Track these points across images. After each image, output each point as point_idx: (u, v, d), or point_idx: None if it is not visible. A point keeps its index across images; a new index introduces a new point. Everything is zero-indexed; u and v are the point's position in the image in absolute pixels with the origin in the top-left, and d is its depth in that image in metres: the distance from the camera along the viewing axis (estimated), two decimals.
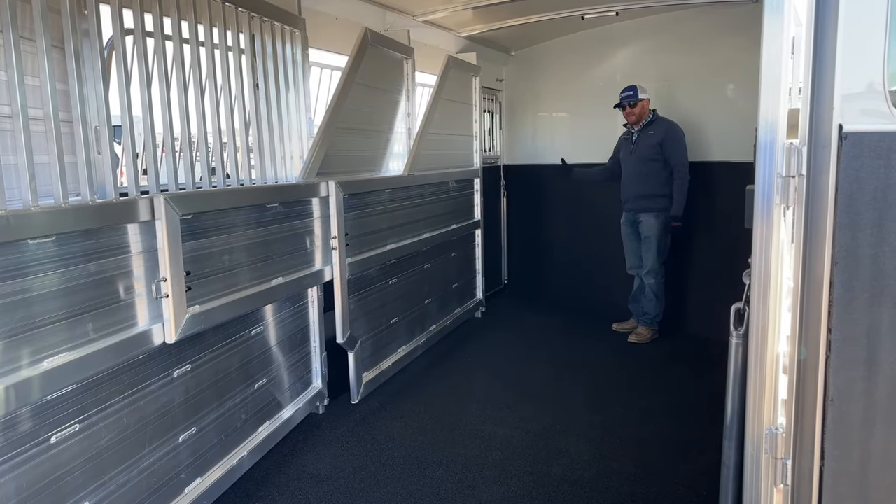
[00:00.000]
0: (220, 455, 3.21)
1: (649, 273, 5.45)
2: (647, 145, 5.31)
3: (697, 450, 3.57)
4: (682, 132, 5.33)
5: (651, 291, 5.49)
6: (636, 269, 5.62)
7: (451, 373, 4.92)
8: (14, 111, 2.21)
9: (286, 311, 3.78)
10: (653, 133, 5.31)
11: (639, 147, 5.37)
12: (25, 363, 2.13)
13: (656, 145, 5.27)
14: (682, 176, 5.23)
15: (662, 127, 5.31)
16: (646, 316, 5.59)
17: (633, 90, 5.27)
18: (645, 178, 5.35)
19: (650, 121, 5.35)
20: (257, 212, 3.33)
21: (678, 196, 5.23)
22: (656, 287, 5.48)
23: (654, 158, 5.29)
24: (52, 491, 2.29)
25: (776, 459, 1.80)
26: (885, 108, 1.61)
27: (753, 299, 1.78)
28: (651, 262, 5.42)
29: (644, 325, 5.61)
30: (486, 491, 3.24)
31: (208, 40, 3.23)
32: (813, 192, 1.64)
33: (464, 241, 6.10)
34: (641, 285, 5.60)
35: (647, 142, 5.32)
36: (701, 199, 5.70)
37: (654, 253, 5.39)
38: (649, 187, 5.33)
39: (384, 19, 5.03)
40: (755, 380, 1.82)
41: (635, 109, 5.30)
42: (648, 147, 5.30)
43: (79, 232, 2.31)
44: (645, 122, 5.35)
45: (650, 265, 5.42)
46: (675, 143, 5.25)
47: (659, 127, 5.31)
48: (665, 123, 5.34)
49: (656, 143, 5.27)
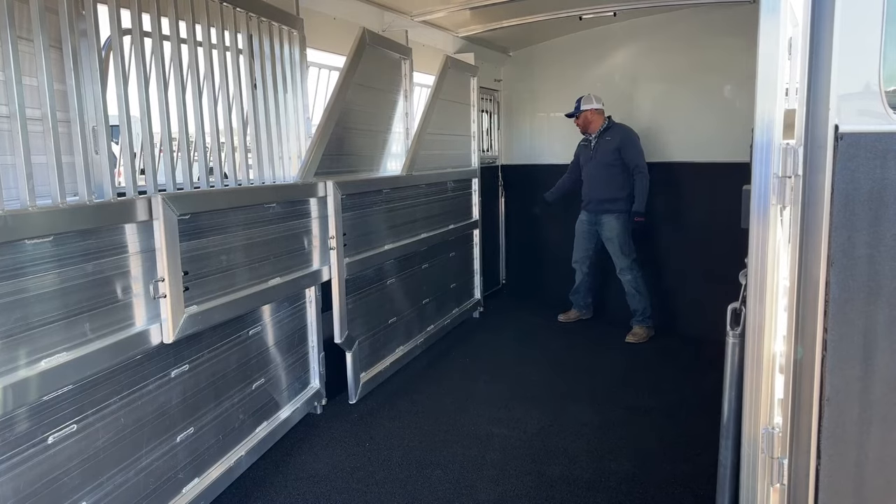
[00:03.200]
0: (217, 455, 3.21)
1: (623, 271, 5.66)
2: (606, 151, 5.62)
3: (694, 449, 3.58)
4: (637, 136, 5.62)
5: (632, 288, 5.66)
6: (579, 264, 5.99)
7: (450, 373, 4.93)
8: (11, 111, 2.21)
9: (284, 311, 3.78)
10: (609, 139, 5.62)
11: (598, 153, 5.68)
12: (22, 363, 2.13)
13: (615, 150, 5.57)
14: (642, 175, 5.49)
15: (618, 133, 5.61)
16: (635, 314, 5.70)
17: (577, 102, 5.68)
18: (606, 181, 5.64)
19: (606, 127, 5.66)
20: (255, 212, 3.33)
21: (640, 194, 5.48)
22: (634, 283, 5.65)
23: (612, 163, 5.59)
24: (50, 491, 2.29)
25: (773, 459, 1.80)
26: (880, 109, 1.62)
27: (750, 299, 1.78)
28: (620, 261, 5.65)
29: (638, 324, 5.69)
30: (484, 491, 3.24)
31: (206, 40, 3.23)
32: (809, 192, 1.65)
33: (462, 241, 6.10)
34: (584, 279, 6.02)
35: (606, 147, 5.62)
36: (698, 200, 5.71)
37: (620, 252, 5.62)
38: (610, 190, 5.63)
39: (382, 19, 5.03)
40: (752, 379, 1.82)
41: (579, 120, 5.70)
42: (607, 152, 5.61)
43: (76, 232, 2.31)
44: (601, 129, 5.67)
45: (621, 263, 5.65)
46: (631, 147, 5.55)
47: (615, 133, 5.62)
48: (621, 129, 5.64)
49: (614, 148, 5.57)
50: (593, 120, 5.66)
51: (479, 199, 6.23)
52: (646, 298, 5.66)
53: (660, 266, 6.05)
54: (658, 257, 6.05)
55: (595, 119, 5.66)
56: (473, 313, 6.39)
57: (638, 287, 5.64)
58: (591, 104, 5.64)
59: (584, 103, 5.64)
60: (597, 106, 5.65)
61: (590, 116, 5.66)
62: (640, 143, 5.59)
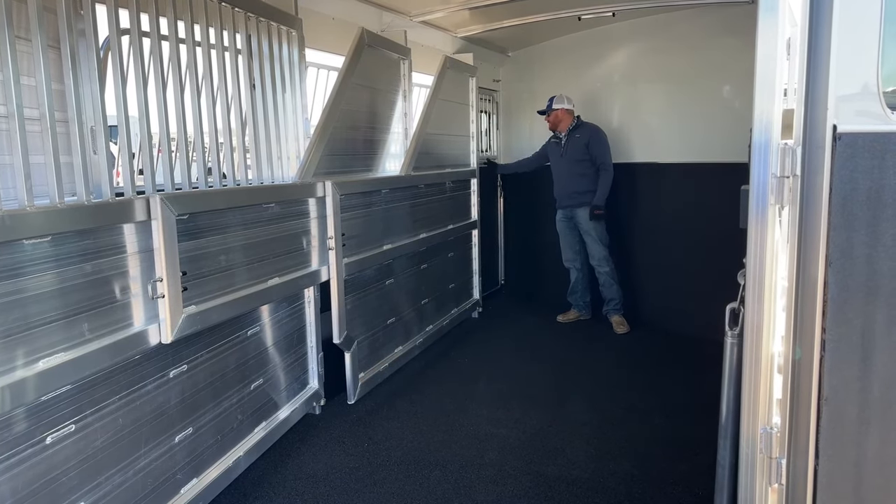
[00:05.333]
0: (216, 455, 3.21)
1: (600, 262, 5.88)
2: (576, 148, 5.86)
3: (693, 449, 3.58)
4: (605, 134, 5.88)
5: (608, 278, 5.89)
6: (571, 262, 6.12)
7: (448, 373, 4.92)
8: (10, 111, 2.20)
9: (283, 311, 3.77)
10: (579, 136, 5.87)
11: (568, 150, 5.92)
12: (21, 363, 2.12)
13: (584, 147, 5.83)
14: (606, 171, 5.78)
15: (587, 131, 5.87)
16: (612, 303, 5.95)
17: (550, 101, 5.94)
18: (577, 176, 5.89)
19: (575, 126, 5.91)
20: (254, 212, 3.33)
21: (602, 188, 5.76)
22: (611, 273, 5.89)
23: (582, 159, 5.85)
24: (48, 492, 2.28)
25: (771, 459, 1.80)
26: (879, 109, 1.62)
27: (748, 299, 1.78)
28: (597, 251, 5.87)
29: (616, 313, 5.96)
30: (482, 491, 3.24)
31: (205, 40, 3.22)
32: (807, 192, 1.65)
33: (461, 241, 6.10)
34: (579, 277, 6.12)
35: (575, 145, 5.87)
36: (696, 200, 5.71)
37: (598, 243, 5.84)
38: (582, 184, 5.87)
39: (381, 20, 5.03)
40: (750, 379, 1.82)
41: (549, 117, 5.97)
42: (577, 149, 5.86)
43: (75, 232, 2.31)
44: (571, 128, 5.91)
45: (598, 254, 5.87)
46: (599, 144, 5.81)
47: (584, 131, 5.87)
48: (589, 127, 5.90)
49: (583, 144, 5.83)
50: (563, 118, 5.92)
51: (477, 199, 6.24)
52: (620, 287, 5.95)
53: (658, 266, 6.05)
54: (655, 257, 6.06)
55: (565, 118, 5.92)
56: (472, 313, 6.39)
57: (613, 277, 5.91)
58: (563, 104, 5.90)
59: (556, 103, 5.90)
60: (567, 106, 5.92)
61: (560, 115, 5.91)
62: (607, 140, 5.85)
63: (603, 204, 5.75)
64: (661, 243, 6.01)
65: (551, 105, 5.92)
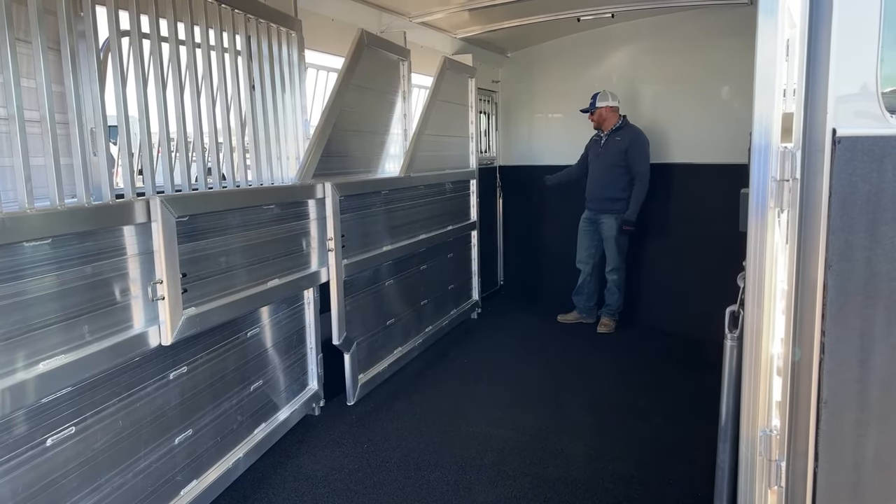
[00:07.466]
0: (216, 457, 3.21)
1: (613, 270, 5.82)
2: (614, 151, 5.64)
3: (692, 451, 3.58)
4: (647, 140, 5.65)
5: (614, 286, 5.89)
6: (583, 264, 6.01)
7: (448, 374, 4.93)
8: (10, 113, 2.20)
9: (282, 312, 3.77)
10: (619, 139, 5.64)
11: (606, 151, 5.72)
12: (21, 366, 2.12)
13: (622, 151, 5.60)
14: (642, 183, 5.57)
15: (629, 134, 5.64)
16: (608, 308, 5.94)
17: (593, 98, 5.69)
18: (609, 181, 5.71)
19: (618, 127, 5.68)
20: (253, 213, 3.33)
21: (635, 201, 5.58)
22: (619, 282, 5.86)
23: (618, 164, 5.63)
24: (48, 494, 2.28)
25: (770, 461, 1.81)
26: (878, 112, 1.62)
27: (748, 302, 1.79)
28: (614, 260, 5.80)
29: (609, 317, 5.95)
30: (481, 492, 3.24)
31: (204, 42, 3.22)
32: (807, 195, 1.66)
33: (460, 242, 6.10)
34: (587, 280, 6.01)
35: (614, 147, 5.65)
36: (696, 201, 5.72)
37: (616, 251, 5.76)
38: (612, 191, 5.69)
39: (380, 21, 5.03)
40: (749, 382, 1.83)
41: (594, 116, 5.73)
42: (615, 153, 5.64)
43: (75, 234, 2.31)
44: (614, 128, 5.69)
45: (614, 263, 5.80)
46: (638, 152, 5.59)
47: (626, 134, 5.64)
48: (632, 131, 5.66)
49: (622, 149, 5.60)
50: (608, 117, 5.68)
51: (477, 200, 6.24)
52: (623, 296, 5.91)
53: (657, 267, 6.06)
54: (655, 258, 6.06)
55: (610, 116, 5.68)
56: (471, 314, 6.39)
57: (620, 286, 5.87)
58: (607, 101, 5.65)
59: (600, 100, 5.66)
60: (612, 103, 5.66)
61: (604, 113, 5.67)
62: (648, 149, 5.63)
63: (634, 220, 5.57)
64: (661, 244, 6.02)
65: (594, 103, 5.67)
